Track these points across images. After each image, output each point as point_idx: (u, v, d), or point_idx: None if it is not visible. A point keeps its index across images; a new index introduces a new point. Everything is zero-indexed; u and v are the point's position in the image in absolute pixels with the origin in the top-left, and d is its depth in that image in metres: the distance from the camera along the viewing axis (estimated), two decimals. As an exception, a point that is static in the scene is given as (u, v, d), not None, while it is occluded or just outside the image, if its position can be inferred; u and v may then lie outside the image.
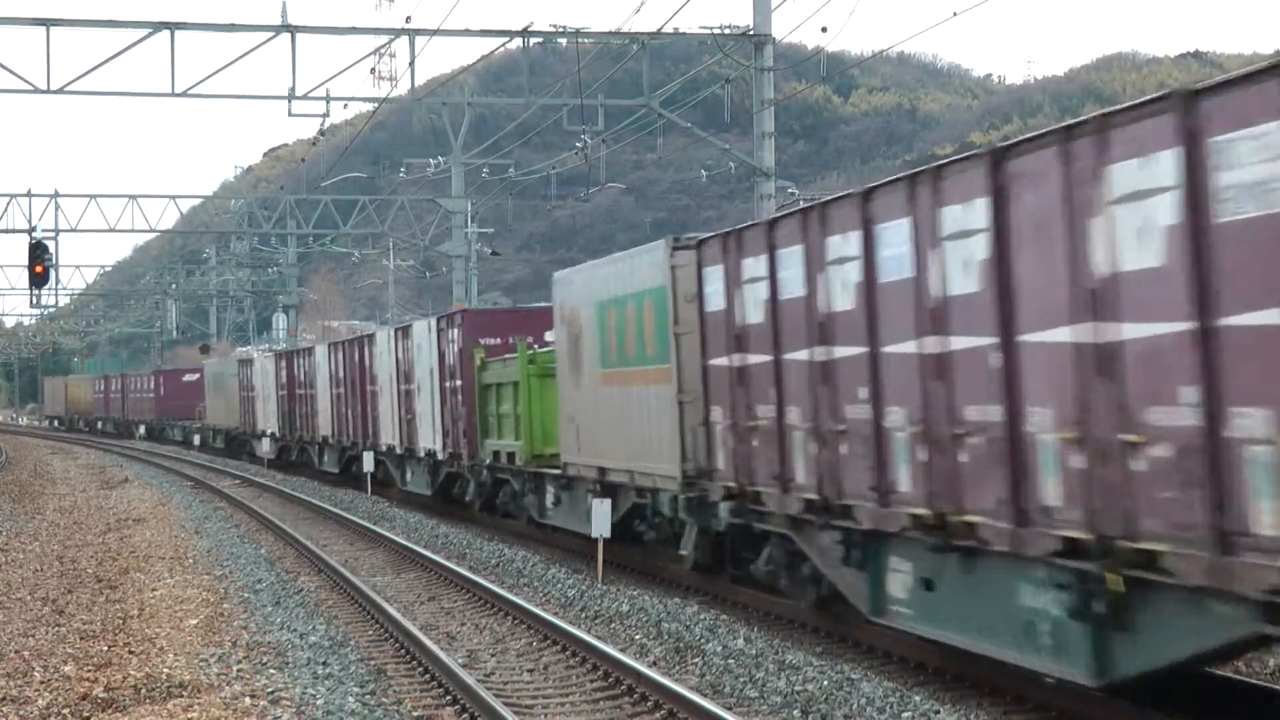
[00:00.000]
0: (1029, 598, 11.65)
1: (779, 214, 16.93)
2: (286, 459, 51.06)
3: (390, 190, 69.37)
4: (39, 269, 37.04)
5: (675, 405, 18.63)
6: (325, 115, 35.74)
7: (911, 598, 13.52)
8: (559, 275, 23.99)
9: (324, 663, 14.84)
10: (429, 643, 15.54)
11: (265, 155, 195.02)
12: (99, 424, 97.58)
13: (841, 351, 13.99)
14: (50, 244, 39.64)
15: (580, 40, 32.62)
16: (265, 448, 51.12)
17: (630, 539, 21.81)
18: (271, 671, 14.24)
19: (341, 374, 41.00)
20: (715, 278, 17.13)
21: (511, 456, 26.70)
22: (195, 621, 17.40)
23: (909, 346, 12.76)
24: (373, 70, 43.46)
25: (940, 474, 12.40)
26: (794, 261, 14.90)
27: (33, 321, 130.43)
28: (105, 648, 15.90)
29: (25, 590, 20.89)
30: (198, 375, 71.91)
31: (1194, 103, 9.44)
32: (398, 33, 32.55)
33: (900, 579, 13.68)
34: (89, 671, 14.50)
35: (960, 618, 12.71)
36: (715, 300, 17.15)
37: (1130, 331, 10.03)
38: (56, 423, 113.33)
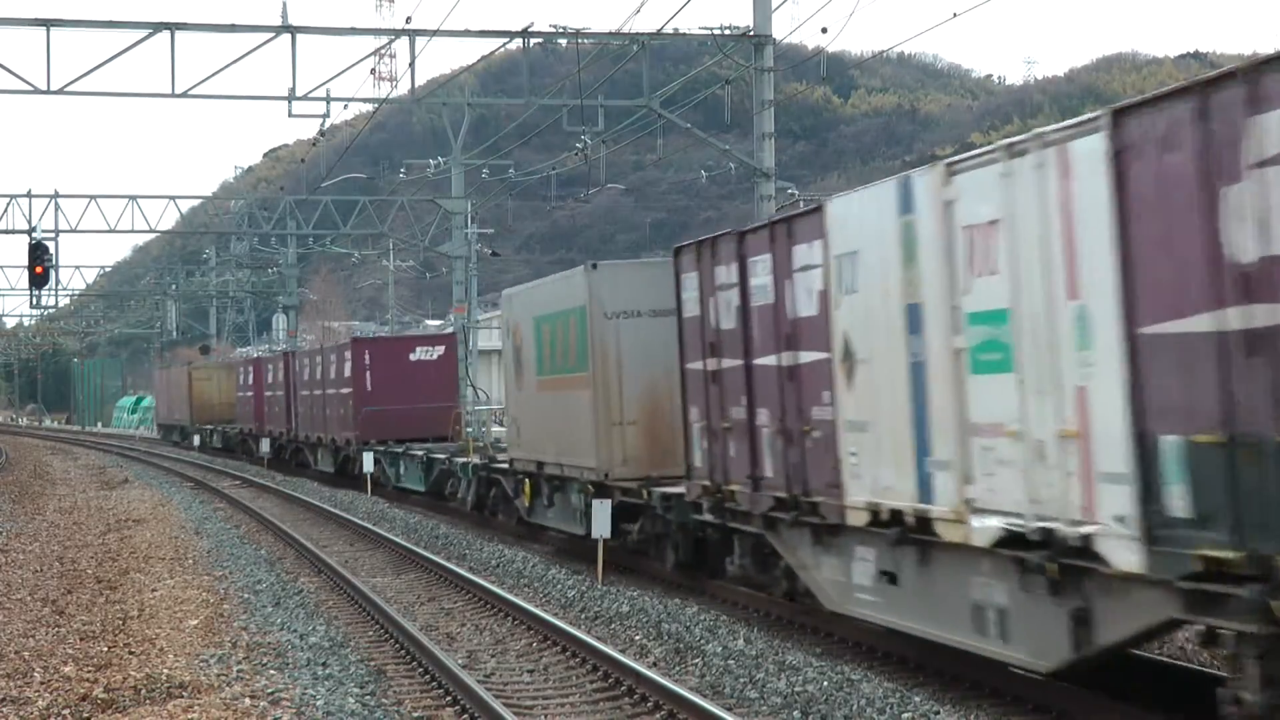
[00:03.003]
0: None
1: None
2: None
3: (390, 191, 69.38)
4: (39, 269, 37.07)
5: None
6: (325, 116, 35.72)
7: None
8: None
9: (324, 663, 14.84)
10: (429, 643, 15.54)
11: (265, 156, 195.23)
12: (249, 442, 59.36)
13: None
14: (50, 244, 39.65)
15: (580, 41, 32.61)
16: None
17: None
18: (271, 672, 14.24)
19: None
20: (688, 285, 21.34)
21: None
22: (195, 622, 17.40)
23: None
24: (373, 71, 43.51)
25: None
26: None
27: (33, 322, 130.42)
28: (105, 648, 15.90)
29: (25, 591, 20.89)
30: (440, 349, 42.12)
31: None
32: (398, 33, 32.55)
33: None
34: (89, 672, 14.49)
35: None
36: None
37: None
38: (179, 438, 76.42)
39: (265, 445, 53.77)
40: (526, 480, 25.80)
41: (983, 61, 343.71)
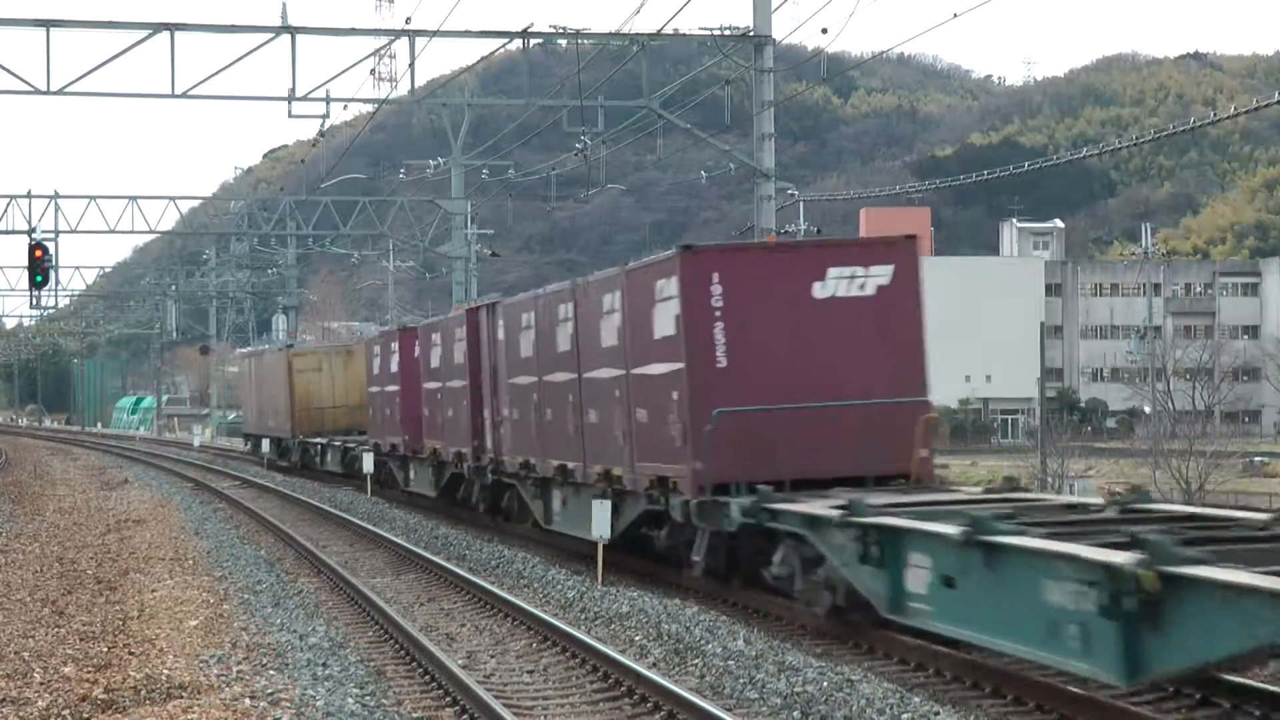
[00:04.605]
0: None
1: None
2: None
3: (390, 191, 69.36)
4: (39, 267, 37.07)
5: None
6: (325, 116, 35.80)
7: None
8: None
9: (324, 664, 14.84)
10: (429, 644, 15.54)
11: (265, 156, 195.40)
12: (390, 466, 38.03)
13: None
14: (50, 245, 39.65)
15: (580, 41, 32.61)
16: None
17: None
18: (271, 673, 14.24)
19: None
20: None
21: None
22: (195, 623, 17.40)
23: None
24: (373, 71, 43.62)
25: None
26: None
27: (33, 323, 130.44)
28: (105, 649, 15.90)
29: (25, 591, 20.89)
30: (877, 275, 19.48)
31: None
32: (398, 34, 32.56)
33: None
34: (89, 673, 14.49)
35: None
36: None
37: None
38: (275, 455, 53.16)
39: (424, 476, 33.82)
40: None
41: (983, 62, 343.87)
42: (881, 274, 19.12)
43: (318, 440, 47.62)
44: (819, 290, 18.93)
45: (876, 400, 18.55)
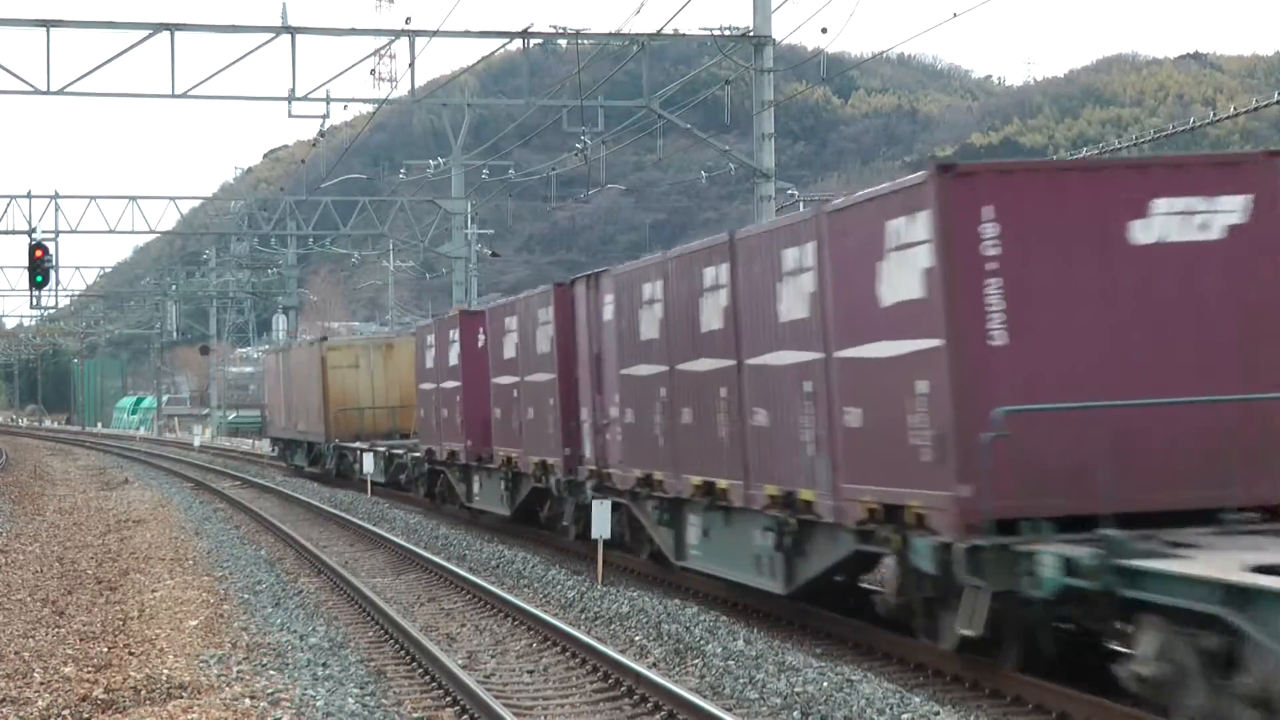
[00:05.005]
0: None
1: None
2: None
3: (390, 191, 69.39)
4: (39, 267, 37.08)
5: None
6: (325, 116, 35.79)
7: None
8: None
9: (324, 664, 14.84)
10: (429, 644, 15.54)
11: (265, 156, 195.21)
12: (447, 478, 32.45)
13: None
14: (50, 245, 39.65)
15: (580, 42, 32.59)
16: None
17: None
18: (271, 673, 14.24)
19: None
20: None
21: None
22: (195, 623, 17.40)
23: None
24: (373, 71, 43.66)
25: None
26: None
27: (33, 323, 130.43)
28: (105, 649, 15.90)
29: (25, 591, 20.89)
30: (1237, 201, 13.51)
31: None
32: (398, 34, 32.54)
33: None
34: (89, 673, 14.49)
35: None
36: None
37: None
38: (305, 463, 48.16)
39: (493, 490, 28.34)
40: None
41: (983, 62, 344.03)
42: (1232, 208, 13.13)
43: (356, 445, 41.78)
44: (1140, 233, 13.07)
45: (1241, 397, 12.81)
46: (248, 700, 12.91)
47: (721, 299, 17.34)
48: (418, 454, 34.46)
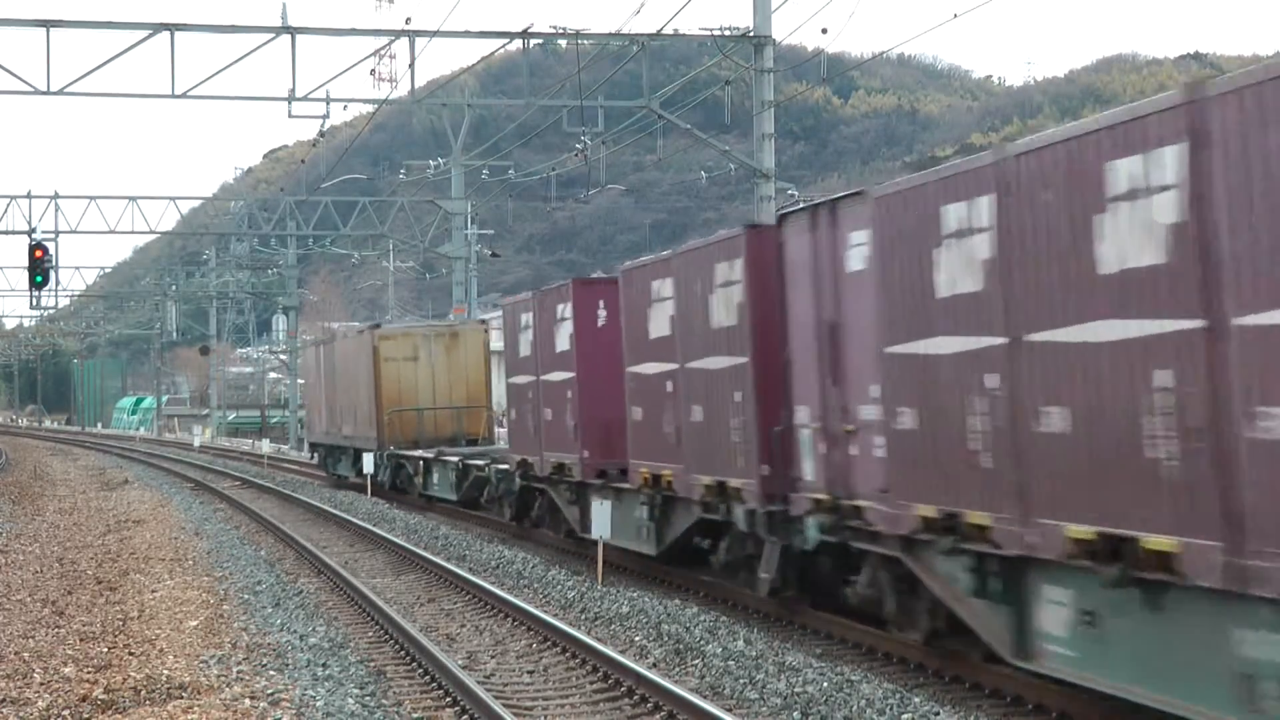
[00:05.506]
0: None
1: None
2: None
3: (390, 192, 69.35)
4: (39, 267, 37.07)
5: None
6: (325, 116, 35.72)
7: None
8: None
9: (324, 664, 14.84)
10: (429, 644, 15.53)
11: (265, 157, 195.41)
12: (549, 499, 25.63)
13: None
14: (50, 245, 39.64)
15: (580, 42, 32.58)
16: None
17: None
18: (271, 673, 14.24)
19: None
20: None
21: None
22: (195, 623, 17.41)
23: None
24: (373, 71, 43.60)
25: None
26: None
27: (33, 323, 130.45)
28: (105, 649, 15.90)
29: (25, 592, 20.89)
30: None
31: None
32: (398, 34, 32.53)
33: None
34: (89, 673, 14.50)
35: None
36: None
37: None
38: (351, 473, 42.05)
39: (630, 520, 21.14)
40: None
41: (983, 62, 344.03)
42: None
43: (416, 454, 35.39)
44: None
45: None
46: (248, 700, 12.91)
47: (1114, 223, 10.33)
48: (504, 466, 27.71)
